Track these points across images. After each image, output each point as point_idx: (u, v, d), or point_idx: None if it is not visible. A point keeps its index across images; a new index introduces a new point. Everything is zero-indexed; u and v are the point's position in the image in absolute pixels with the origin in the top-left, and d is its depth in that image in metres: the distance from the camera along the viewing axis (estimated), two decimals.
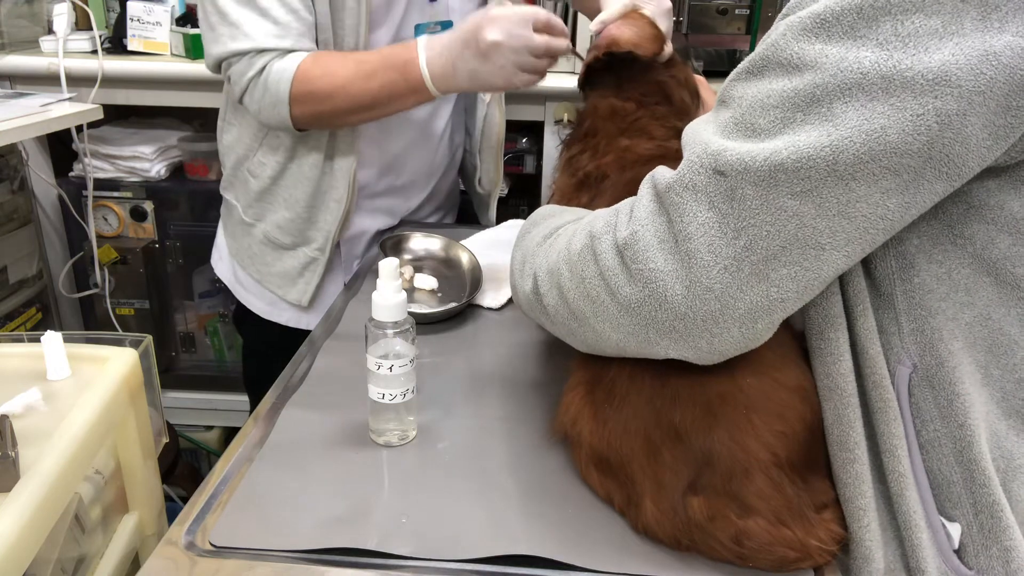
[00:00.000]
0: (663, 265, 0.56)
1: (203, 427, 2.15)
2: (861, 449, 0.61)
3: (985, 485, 0.57)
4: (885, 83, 0.48)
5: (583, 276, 0.62)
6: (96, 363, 0.75)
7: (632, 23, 0.93)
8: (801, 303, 0.57)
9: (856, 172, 0.50)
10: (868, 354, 0.60)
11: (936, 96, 0.47)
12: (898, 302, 0.60)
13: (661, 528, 0.63)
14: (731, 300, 0.55)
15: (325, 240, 1.22)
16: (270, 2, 1.04)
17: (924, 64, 0.47)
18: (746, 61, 0.56)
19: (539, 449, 0.76)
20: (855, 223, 0.52)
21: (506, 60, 0.99)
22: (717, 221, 0.54)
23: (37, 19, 1.90)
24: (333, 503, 0.69)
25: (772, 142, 0.52)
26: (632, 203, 0.61)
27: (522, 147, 1.82)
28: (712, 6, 1.60)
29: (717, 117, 0.57)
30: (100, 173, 1.88)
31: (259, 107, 1.09)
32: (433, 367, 0.91)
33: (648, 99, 0.89)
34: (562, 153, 0.94)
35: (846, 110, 0.49)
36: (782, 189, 0.51)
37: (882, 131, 0.48)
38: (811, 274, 0.54)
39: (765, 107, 0.53)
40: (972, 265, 0.57)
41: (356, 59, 1.08)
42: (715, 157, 0.54)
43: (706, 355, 0.59)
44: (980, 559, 0.59)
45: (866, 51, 0.49)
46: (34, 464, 0.61)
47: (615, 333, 0.62)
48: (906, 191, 0.51)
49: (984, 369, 0.59)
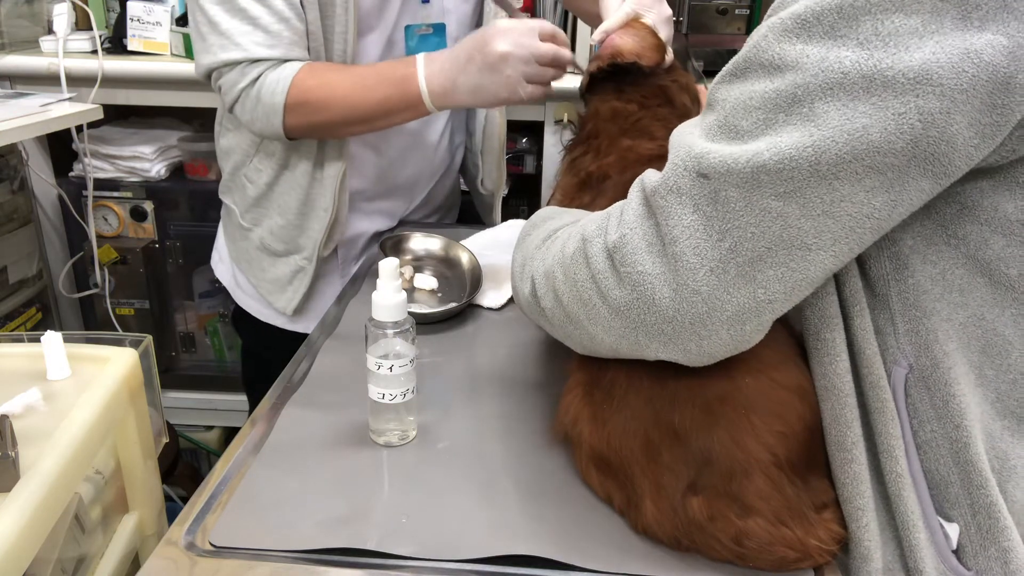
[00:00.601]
0: (651, 268, 0.56)
1: (203, 427, 2.15)
2: (859, 449, 0.61)
3: (982, 486, 0.57)
4: (866, 82, 0.48)
5: (576, 279, 0.62)
6: (96, 363, 0.75)
7: (634, 33, 0.93)
8: (790, 304, 0.57)
9: (839, 172, 0.50)
10: (865, 354, 0.60)
11: (918, 95, 0.47)
12: (893, 303, 0.60)
13: (661, 528, 0.63)
14: (718, 302, 0.55)
15: (313, 249, 1.22)
16: (261, 11, 1.03)
17: (905, 63, 0.47)
18: (730, 63, 0.56)
19: (539, 449, 0.76)
20: (841, 222, 0.52)
21: (514, 70, 0.99)
22: (702, 223, 0.54)
23: (37, 19, 1.91)
24: (333, 503, 0.69)
25: (754, 144, 0.52)
26: (622, 206, 0.61)
27: (522, 147, 1.82)
28: (712, 6, 1.60)
29: (703, 120, 0.58)
30: (100, 173, 1.88)
31: (251, 117, 1.09)
32: (433, 367, 0.91)
33: (650, 101, 0.89)
34: (564, 157, 0.94)
35: (828, 110, 0.49)
36: (765, 190, 0.51)
37: (864, 130, 0.48)
38: (798, 275, 0.54)
39: (748, 109, 0.53)
40: (966, 266, 0.57)
41: (353, 72, 1.07)
42: (698, 160, 0.54)
43: (695, 357, 0.59)
44: (978, 559, 0.59)
45: (847, 51, 0.49)
46: (34, 464, 0.61)
47: (607, 336, 0.62)
48: (891, 189, 0.51)
49: (978, 370, 0.59)
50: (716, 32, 1.63)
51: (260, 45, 1.04)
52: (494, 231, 1.29)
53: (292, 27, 1.06)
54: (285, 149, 1.16)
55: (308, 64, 1.07)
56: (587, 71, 0.94)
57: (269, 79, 1.05)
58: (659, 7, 1.00)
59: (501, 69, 0.99)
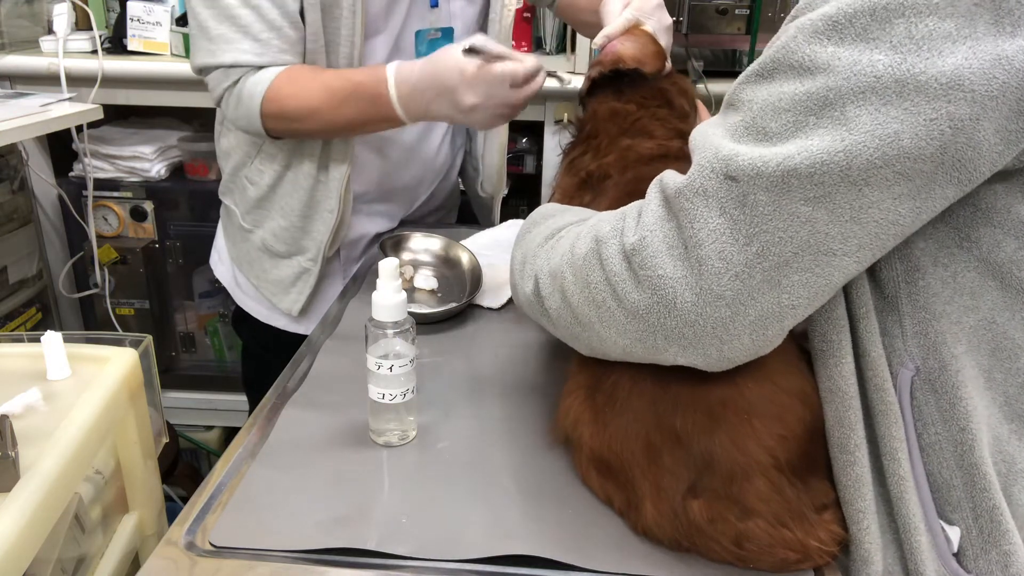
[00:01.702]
0: (672, 272, 0.56)
1: (203, 427, 2.15)
2: (862, 452, 0.61)
3: (985, 489, 0.57)
4: (899, 87, 0.48)
5: (588, 281, 0.61)
6: (96, 363, 0.75)
7: (635, 39, 0.94)
8: (811, 309, 0.56)
9: (869, 177, 0.49)
10: (870, 356, 0.60)
11: (949, 100, 0.47)
12: (902, 305, 0.59)
13: (661, 530, 0.63)
14: (742, 307, 0.54)
15: (317, 251, 1.21)
16: (251, 19, 1.02)
17: (937, 68, 0.47)
18: (756, 63, 0.55)
19: (539, 449, 0.76)
20: (867, 229, 0.51)
21: (484, 115, 1.00)
22: (728, 227, 0.53)
23: (37, 19, 1.91)
24: (333, 503, 0.69)
25: (784, 146, 0.51)
26: (639, 207, 0.60)
27: (522, 147, 1.82)
28: (712, 6, 1.60)
29: (725, 120, 0.57)
30: (100, 173, 1.88)
31: (235, 116, 1.09)
32: (433, 367, 0.91)
33: (649, 102, 0.89)
34: (563, 159, 0.94)
35: (859, 114, 0.49)
36: (795, 195, 0.51)
37: (895, 136, 0.48)
38: (822, 280, 0.54)
39: (776, 110, 0.52)
40: (978, 269, 0.57)
41: (327, 85, 1.05)
42: (726, 162, 0.53)
43: (715, 362, 0.58)
44: (979, 563, 0.58)
45: (879, 54, 0.48)
46: (34, 464, 0.60)
47: (621, 339, 0.61)
48: (918, 196, 0.50)
49: (987, 373, 0.59)
50: (716, 32, 1.63)
51: (248, 53, 1.04)
52: (494, 231, 1.29)
53: (283, 35, 1.05)
54: (288, 151, 1.16)
55: (288, 70, 1.06)
56: (588, 76, 0.94)
57: (249, 82, 1.05)
58: (659, 14, 1.00)
59: (471, 116, 1.00)
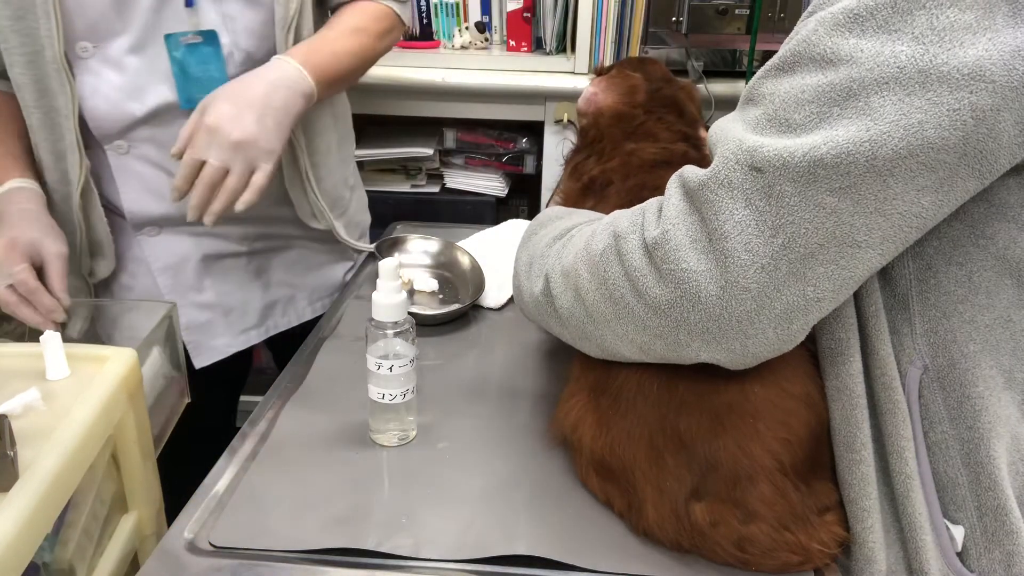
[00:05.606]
0: (696, 265, 0.55)
1: None
2: (868, 450, 0.61)
3: (991, 488, 0.57)
4: (922, 77, 0.48)
5: (605, 277, 0.61)
6: (95, 363, 0.75)
7: (611, 86, 0.92)
8: (836, 303, 0.56)
9: (894, 168, 0.49)
10: (879, 355, 0.60)
11: (971, 91, 0.47)
12: (913, 303, 0.59)
13: (662, 532, 0.63)
14: (768, 300, 0.54)
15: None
16: None
17: (959, 58, 0.47)
18: (775, 58, 0.55)
19: (540, 449, 0.76)
20: (891, 220, 0.51)
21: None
22: (754, 219, 0.53)
23: None
24: (333, 503, 0.69)
25: (810, 137, 0.51)
26: (659, 202, 0.60)
27: (522, 147, 1.82)
28: (712, 6, 1.60)
29: (745, 115, 0.57)
30: None
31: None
32: (434, 368, 0.91)
33: (657, 109, 0.89)
34: (566, 165, 0.94)
35: (883, 104, 0.49)
36: (821, 185, 0.51)
37: (919, 126, 0.48)
38: (847, 272, 0.54)
39: (799, 102, 0.52)
40: (994, 268, 0.57)
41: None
42: (751, 153, 0.53)
43: (739, 357, 0.58)
44: (982, 562, 0.58)
45: (902, 45, 0.49)
46: (33, 464, 0.60)
47: (640, 335, 0.61)
48: (940, 189, 0.51)
49: (1008, 373, 0.58)
50: (716, 32, 1.63)
51: None
52: (494, 231, 1.29)
53: None
54: None
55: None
56: (580, 127, 0.94)
57: None
58: None
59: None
